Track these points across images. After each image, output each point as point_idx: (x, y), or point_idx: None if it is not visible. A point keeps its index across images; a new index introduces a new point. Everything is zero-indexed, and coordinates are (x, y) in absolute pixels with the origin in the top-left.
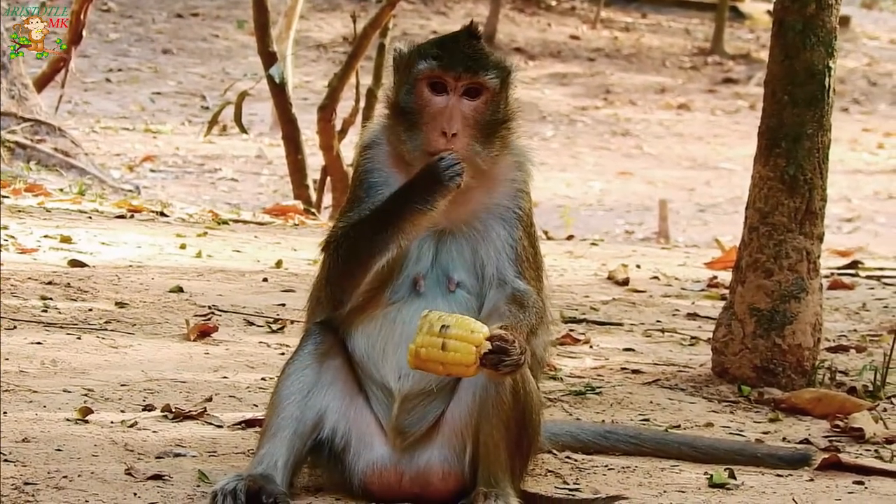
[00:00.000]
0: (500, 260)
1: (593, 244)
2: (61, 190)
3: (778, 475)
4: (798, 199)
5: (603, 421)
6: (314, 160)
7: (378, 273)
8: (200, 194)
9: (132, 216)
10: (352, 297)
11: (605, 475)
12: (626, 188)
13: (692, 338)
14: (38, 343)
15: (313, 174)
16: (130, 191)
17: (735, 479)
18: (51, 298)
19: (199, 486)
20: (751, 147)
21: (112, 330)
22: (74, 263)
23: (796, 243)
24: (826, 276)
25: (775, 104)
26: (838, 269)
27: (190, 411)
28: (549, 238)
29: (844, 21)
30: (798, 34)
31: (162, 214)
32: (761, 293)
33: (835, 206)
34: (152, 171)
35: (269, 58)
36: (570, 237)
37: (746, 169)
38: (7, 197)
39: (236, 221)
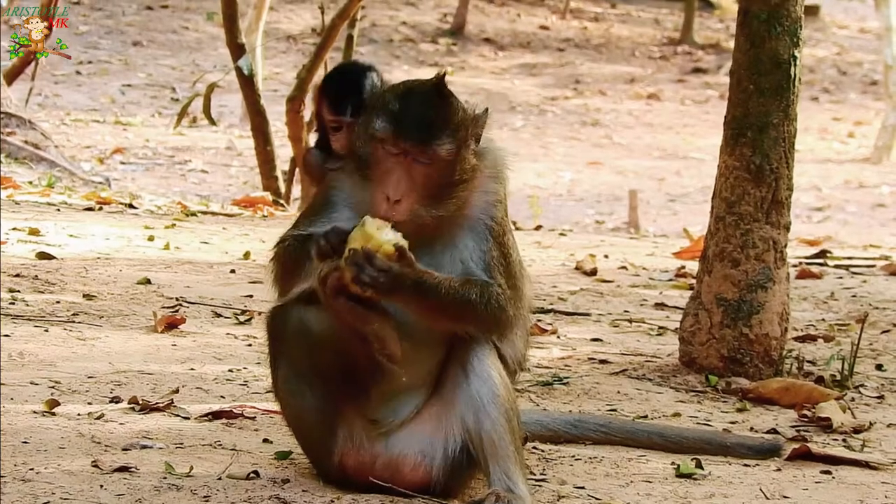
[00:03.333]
0: (467, 262)
1: (562, 234)
2: (30, 182)
3: (745, 465)
4: (764, 188)
5: (570, 411)
6: (284, 151)
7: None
8: (171, 186)
9: (101, 208)
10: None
11: (571, 465)
12: (596, 178)
13: (660, 328)
14: (6, 335)
15: (283, 165)
16: (100, 183)
17: (702, 468)
18: (18, 291)
19: (165, 478)
20: (720, 137)
21: (80, 322)
22: (42, 256)
23: (763, 233)
24: (794, 266)
25: (741, 93)
26: (807, 258)
27: (157, 403)
28: (517, 228)
29: (814, 10)
30: (763, 23)
31: (130, 206)
32: (728, 283)
33: (805, 196)
34: (122, 163)
35: (237, 49)
36: (538, 227)
37: (716, 158)
38: None
39: (204, 213)
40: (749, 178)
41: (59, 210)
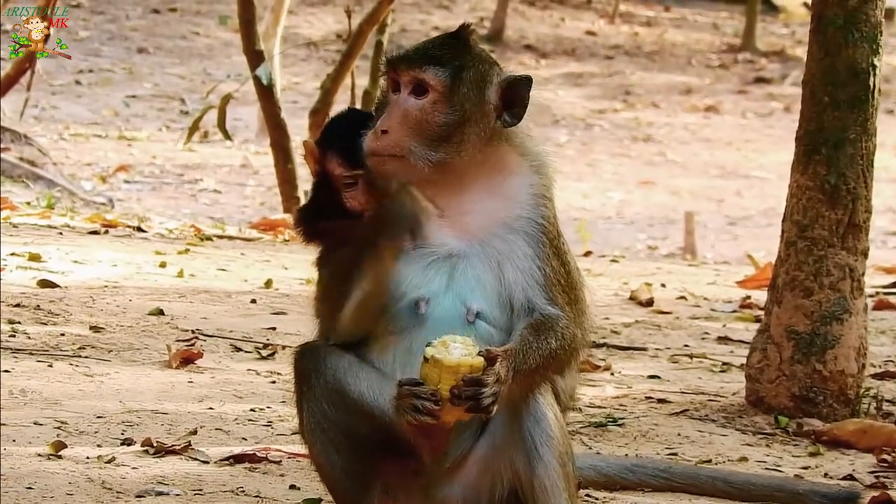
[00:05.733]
0: (528, 286)
1: (613, 261)
2: (28, 203)
3: None
4: (840, 210)
5: (626, 455)
6: (305, 170)
7: (366, 295)
8: (180, 207)
9: (106, 232)
10: (339, 318)
11: None
12: (649, 199)
13: (723, 364)
14: (6, 371)
15: (304, 185)
16: (103, 204)
17: None
18: (19, 322)
19: None
20: (786, 153)
21: (86, 357)
22: (44, 284)
23: (838, 259)
24: (871, 296)
25: (814, 106)
26: (884, 287)
27: (173, 445)
28: None
29: (890, 14)
30: (839, 29)
31: (139, 230)
32: (800, 314)
33: (880, 218)
34: (127, 182)
35: (255, 57)
36: (587, 253)
37: (781, 177)
38: None
39: (221, 237)
40: (823, 198)
41: (61, 233)
